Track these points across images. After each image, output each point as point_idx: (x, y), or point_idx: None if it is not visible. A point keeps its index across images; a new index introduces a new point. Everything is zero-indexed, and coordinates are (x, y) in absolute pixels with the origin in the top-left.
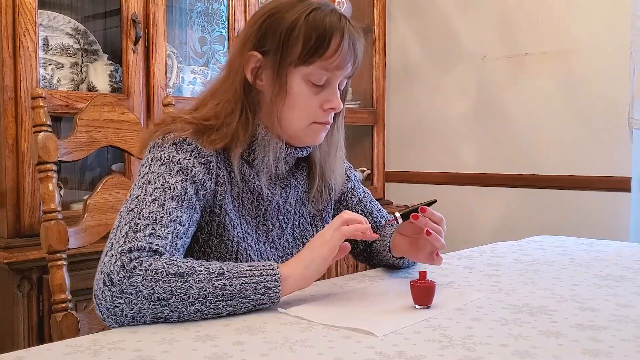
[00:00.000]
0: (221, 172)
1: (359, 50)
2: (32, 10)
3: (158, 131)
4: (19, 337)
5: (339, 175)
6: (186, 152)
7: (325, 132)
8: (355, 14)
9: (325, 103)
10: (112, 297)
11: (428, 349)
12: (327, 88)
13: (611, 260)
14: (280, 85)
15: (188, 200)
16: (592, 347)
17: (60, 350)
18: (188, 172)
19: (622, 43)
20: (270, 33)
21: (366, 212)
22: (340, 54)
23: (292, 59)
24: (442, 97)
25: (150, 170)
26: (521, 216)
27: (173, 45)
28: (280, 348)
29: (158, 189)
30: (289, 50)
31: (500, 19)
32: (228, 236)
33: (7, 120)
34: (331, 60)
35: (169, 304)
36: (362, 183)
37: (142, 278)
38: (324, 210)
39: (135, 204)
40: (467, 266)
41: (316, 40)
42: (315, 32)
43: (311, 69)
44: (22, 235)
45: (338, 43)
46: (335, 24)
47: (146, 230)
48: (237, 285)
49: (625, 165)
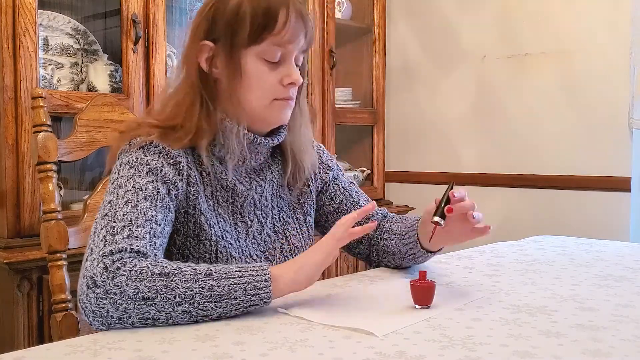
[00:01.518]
0: (192, 172)
1: (309, 23)
2: (32, 10)
3: (125, 137)
4: (19, 337)
5: (308, 155)
6: (154, 154)
7: (289, 110)
8: (355, 14)
9: (284, 78)
10: (96, 299)
11: (428, 349)
12: (284, 64)
13: (611, 260)
14: (235, 68)
15: (161, 200)
16: (592, 347)
17: (60, 350)
18: (158, 172)
19: (622, 43)
20: (217, 20)
21: (352, 200)
22: (289, 26)
23: (243, 40)
24: (442, 97)
25: (120, 175)
26: (521, 216)
27: (173, 45)
28: (280, 348)
29: (129, 191)
30: (238, 33)
31: (500, 19)
32: (205, 236)
33: (7, 120)
34: (282, 34)
35: (154, 303)
36: (362, 183)
37: (126, 278)
38: (304, 202)
39: (108, 208)
40: (467, 266)
41: (263, 17)
42: (260, 10)
43: (263, 46)
44: (22, 235)
45: (285, 16)
46: (278, 0)
47: (124, 232)
48: (226, 286)
49: (625, 165)
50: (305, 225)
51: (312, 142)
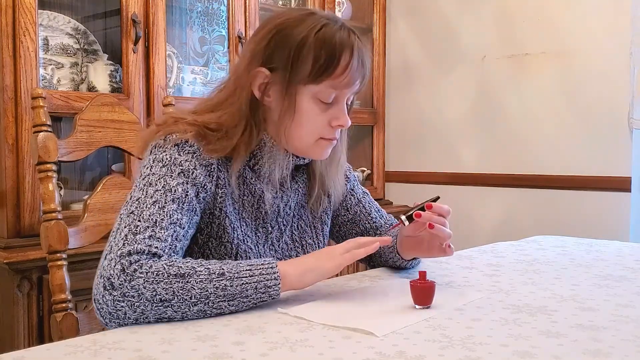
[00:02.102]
0: (222, 174)
1: (367, 66)
2: (32, 10)
3: (160, 132)
4: (19, 337)
5: (339, 186)
6: (188, 154)
7: (331, 148)
8: (355, 14)
9: (333, 120)
10: (113, 301)
11: (428, 349)
12: (335, 105)
13: (611, 260)
14: (289, 103)
15: (189, 203)
16: (592, 347)
17: (60, 350)
18: (189, 174)
19: (622, 43)
20: (278, 49)
21: (365, 212)
22: (349, 72)
23: (302, 77)
24: (442, 97)
25: (151, 172)
26: (521, 216)
27: (173, 45)
28: (280, 348)
29: (159, 191)
30: (299, 68)
31: (500, 19)
32: (228, 238)
33: (7, 120)
34: (340, 78)
35: (171, 304)
36: (362, 183)
37: (143, 280)
38: (323, 212)
39: (135, 206)
40: (467, 266)
41: (326, 59)
42: (325, 51)
43: (320, 87)
44: (22, 235)
45: (348, 61)
46: (345, 41)
47: (146, 233)
48: (238, 285)
49: (625, 165)
50: (322, 235)
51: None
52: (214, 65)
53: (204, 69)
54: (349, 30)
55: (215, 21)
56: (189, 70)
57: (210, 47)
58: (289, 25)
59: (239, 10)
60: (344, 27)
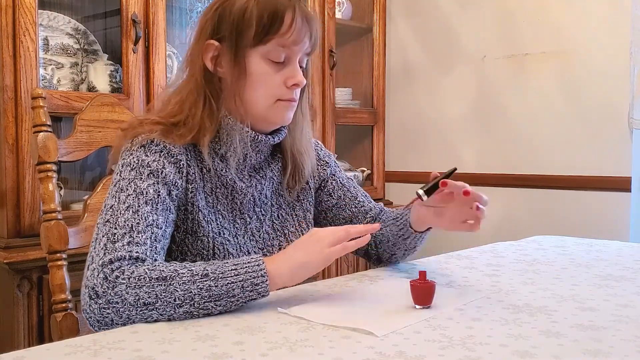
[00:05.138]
0: (191, 169)
1: (314, 26)
2: (32, 10)
3: (127, 136)
4: (19, 337)
5: (308, 157)
6: (155, 153)
7: (292, 111)
8: (355, 14)
9: (288, 80)
10: (99, 309)
11: (428, 349)
12: (288, 65)
13: (611, 260)
14: (239, 68)
15: (162, 202)
16: (592, 347)
17: (60, 350)
18: (159, 174)
19: (622, 43)
20: (223, 20)
21: (350, 196)
22: (294, 28)
23: (248, 40)
24: (442, 97)
25: (121, 177)
26: (521, 216)
27: (173, 45)
28: (280, 348)
29: (131, 195)
30: (244, 33)
31: (500, 19)
32: (203, 232)
33: (7, 120)
34: (287, 35)
35: (155, 307)
36: (362, 183)
37: (125, 286)
38: (303, 199)
39: (110, 214)
40: (467, 266)
41: (269, 18)
42: (267, 11)
43: (268, 46)
44: (22, 235)
45: (291, 18)
46: (285, 2)
47: (124, 240)
48: (223, 285)
49: (625, 165)
50: (305, 222)
51: (312, 142)
52: None
53: None
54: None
55: None
56: None
57: None
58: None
59: None
60: None
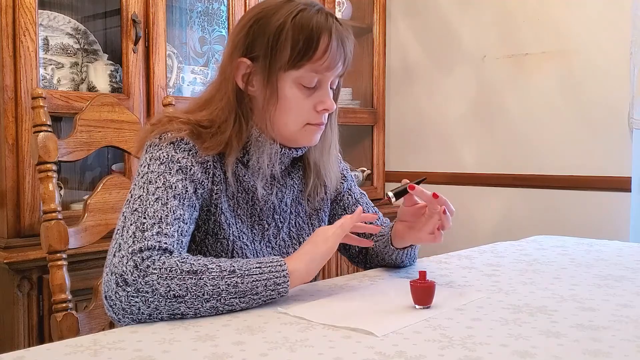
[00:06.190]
0: (217, 171)
1: (349, 48)
2: (32, 10)
3: (155, 131)
4: (19, 337)
5: (333, 174)
6: (184, 151)
7: (320, 133)
8: (355, 14)
9: (318, 105)
10: (127, 297)
11: (428, 349)
12: (319, 89)
13: (611, 260)
14: (271, 91)
15: (189, 199)
16: (592, 347)
17: (60, 350)
18: (187, 171)
19: (622, 43)
20: (258, 38)
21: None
22: (329, 54)
23: (282, 64)
24: (442, 97)
25: (150, 170)
26: (521, 216)
27: (173, 45)
28: (280, 348)
29: (160, 187)
30: (278, 55)
31: (500, 19)
32: (224, 235)
33: (7, 120)
34: (321, 62)
35: (184, 300)
36: (362, 183)
37: (157, 276)
38: (320, 209)
39: (138, 203)
40: (467, 266)
41: (304, 43)
42: (302, 35)
43: (301, 72)
44: (22, 235)
45: (326, 44)
46: (322, 24)
47: (153, 229)
48: (249, 282)
49: (625, 165)
50: None
51: (339, 162)
52: (214, 65)
53: (204, 69)
54: (326, 14)
55: (215, 21)
56: (189, 70)
57: (210, 47)
58: (267, 14)
59: (239, 10)
60: (321, 11)
